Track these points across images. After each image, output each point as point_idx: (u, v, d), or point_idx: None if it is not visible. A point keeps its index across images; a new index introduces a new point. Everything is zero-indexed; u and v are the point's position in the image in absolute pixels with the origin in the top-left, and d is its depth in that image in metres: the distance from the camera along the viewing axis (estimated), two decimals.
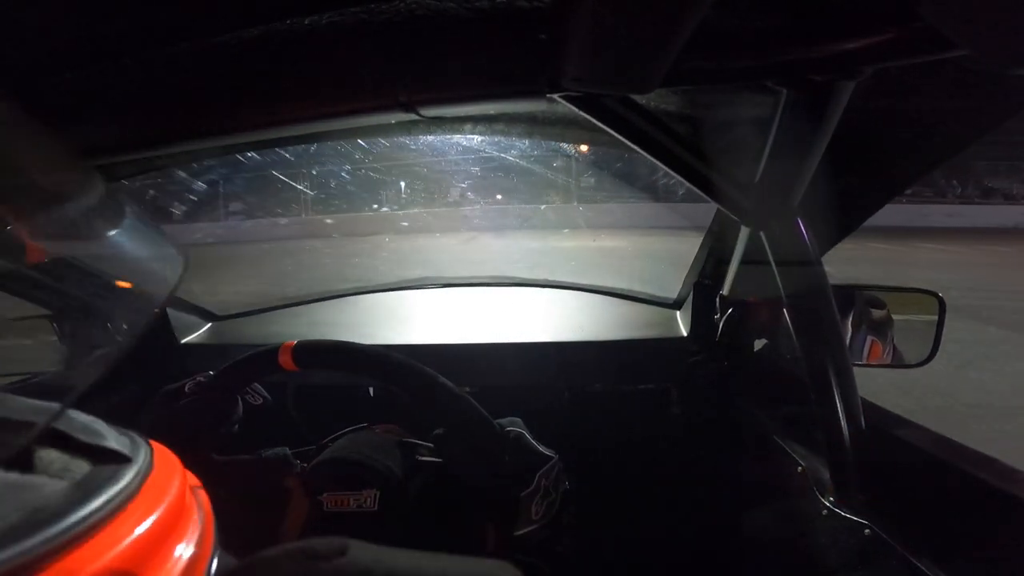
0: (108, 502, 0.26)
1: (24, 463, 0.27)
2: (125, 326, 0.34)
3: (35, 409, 0.27)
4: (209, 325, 1.49)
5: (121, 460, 0.30)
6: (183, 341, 1.38)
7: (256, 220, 13.63)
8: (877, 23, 0.48)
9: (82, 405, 0.30)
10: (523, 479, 0.68)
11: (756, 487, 0.98)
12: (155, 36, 0.53)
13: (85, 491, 0.26)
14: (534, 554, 0.67)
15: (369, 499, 0.72)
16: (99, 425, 0.32)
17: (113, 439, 0.31)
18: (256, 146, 1.16)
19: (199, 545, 0.30)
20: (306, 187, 12.98)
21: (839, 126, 0.64)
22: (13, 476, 0.25)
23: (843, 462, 0.77)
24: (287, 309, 1.63)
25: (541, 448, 0.73)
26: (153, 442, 0.34)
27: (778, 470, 0.89)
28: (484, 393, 0.77)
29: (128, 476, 0.29)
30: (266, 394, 0.90)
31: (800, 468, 0.84)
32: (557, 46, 0.49)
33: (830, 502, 0.76)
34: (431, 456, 0.79)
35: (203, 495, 0.36)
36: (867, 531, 0.69)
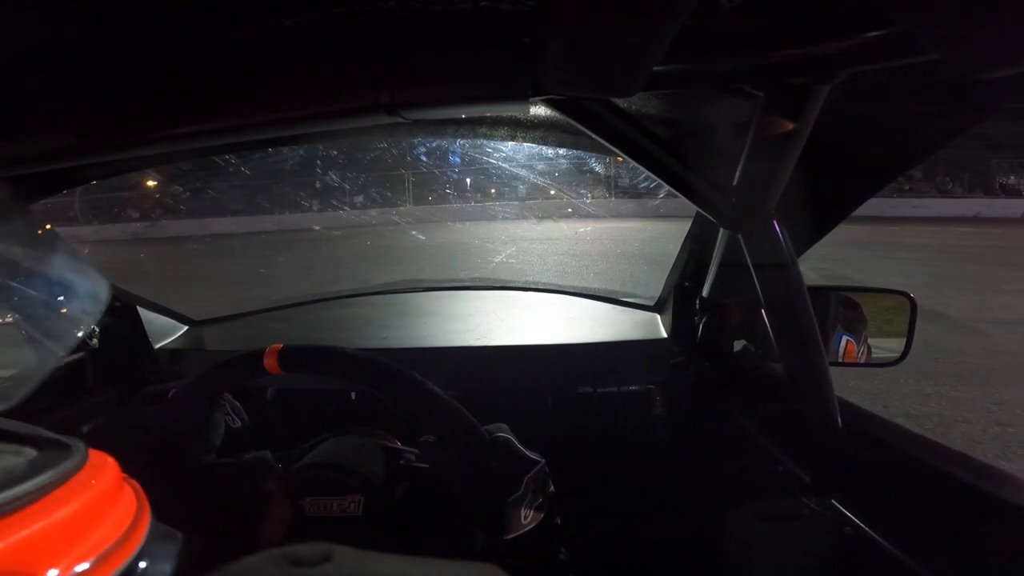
0: (62, 469, 0.34)
1: None
2: (55, 350, 0.41)
3: None
4: (185, 330, 1.47)
5: (62, 447, 0.37)
6: (158, 346, 1.35)
7: (377, 209, 17.93)
8: (851, 28, 0.49)
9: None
10: (511, 484, 0.68)
11: (737, 487, 0.99)
12: (131, 37, 0.52)
13: (40, 465, 0.34)
14: (524, 559, 0.67)
15: (353, 504, 0.71)
16: (40, 430, 0.39)
17: (52, 436, 0.38)
18: (235, 148, 1.15)
19: (135, 518, 0.38)
20: (410, 184, 17.89)
21: (815, 129, 0.65)
22: None
23: (822, 461, 0.78)
24: (266, 314, 1.61)
25: (528, 452, 0.73)
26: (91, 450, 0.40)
27: (758, 470, 0.91)
28: (468, 396, 0.77)
29: (73, 456, 0.36)
30: (245, 417, 0.88)
31: (780, 467, 0.85)
32: (540, 50, 0.50)
33: (810, 501, 0.77)
34: (416, 462, 0.78)
35: (136, 484, 0.42)
36: (847, 529, 0.70)
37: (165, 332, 1.41)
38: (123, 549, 0.35)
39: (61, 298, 0.43)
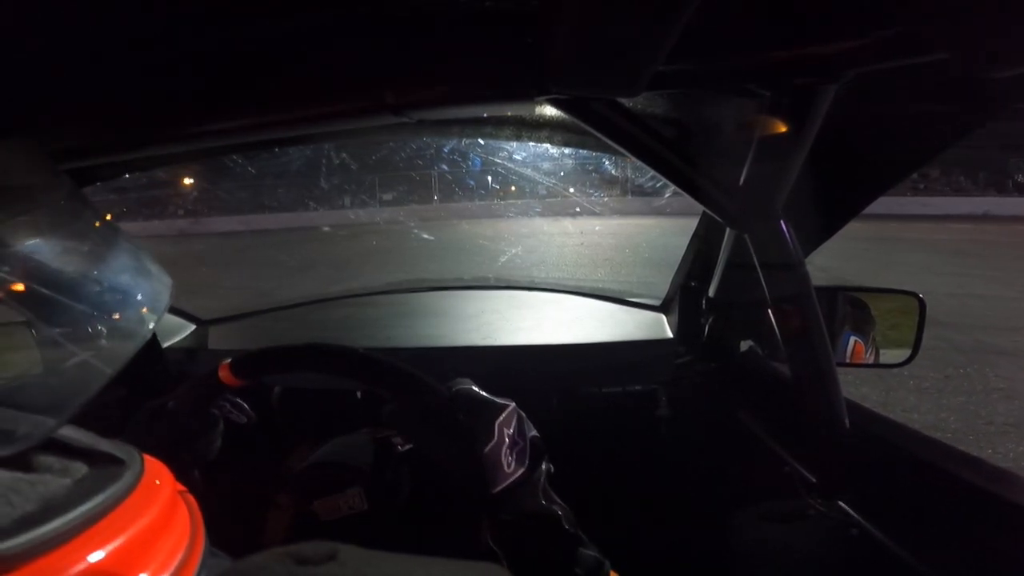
0: (110, 496, 0.29)
1: (27, 464, 0.29)
2: (114, 345, 0.36)
3: (30, 421, 0.29)
4: (193, 329, 1.47)
5: (116, 462, 0.33)
6: (165, 345, 1.35)
7: (401, 206, 18.72)
8: (858, 27, 0.49)
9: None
10: (483, 434, 0.64)
11: (743, 488, 0.99)
12: (137, 39, 0.53)
13: (87, 487, 0.29)
14: (518, 512, 0.64)
15: (356, 498, 0.71)
16: (93, 437, 0.35)
17: (107, 446, 0.34)
18: (241, 149, 1.15)
19: (191, 540, 0.33)
20: (436, 182, 18.80)
21: (821, 129, 0.65)
22: (21, 475, 0.28)
23: (828, 462, 0.78)
24: (272, 313, 1.61)
25: (495, 399, 0.68)
26: (146, 455, 0.36)
27: (764, 470, 0.90)
28: None
29: (124, 476, 0.31)
30: (251, 412, 0.88)
31: (786, 468, 0.85)
32: (544, 49, 0.50)
33: (816, 502, 0.76)
34: (405, 444, 0.78)
35: (191, 499, 0.38)
36: (854, 530, 0.70)
37: (173, 331, 1.42)
38: None
39: (121, 301, 0.38)
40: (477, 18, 0.50)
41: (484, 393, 0.69)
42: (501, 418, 0.65)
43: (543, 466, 0.67)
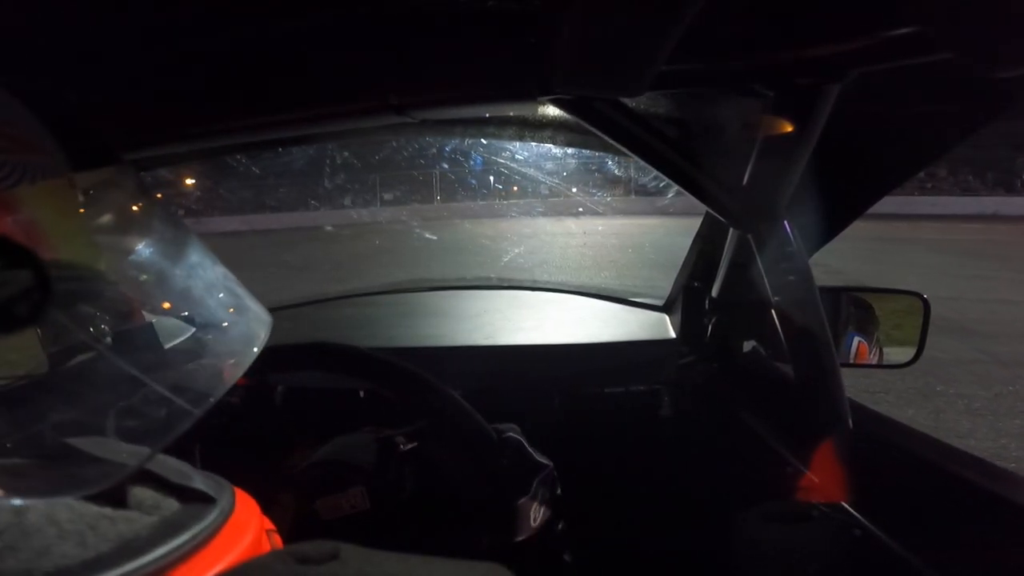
0: (193, 538, 0.29)
1: (119, 498, 0.30)
2: (206, 389, 0.36)
3: (129, 451, 0.29)
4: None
5: (206, 500, 0.33)
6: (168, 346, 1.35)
7: (403, 205, 19.11)
8: (862, 27, 0.49)
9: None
10: (521, 485, 0.68)
11: (746, 488, 0.99)
12: (143, 39, 0.53)
13: (172, 527, 0.29)
14: (531, 562, 0.67)
15: (359, 497, 0.71)
16: (188, 468, 0.35)
17: (200, 481, 0.34)
18: (244, 148, 1.15)
19: None
20: (438, 182, 19.13)
21: (825, 129, 0.65)
22: (108, 510, 0.28)
23: (832, 463, 0.77)
24: (276, 312, 1.61)
25: (537, 457, 0.73)
26: (237, 488, 0.36)
27: (768, 471, 0.90)
28: (475, 396, 0.77)
29: (212, 515, 0.31)
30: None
31: (789, 469, 0.85)
32: (547, 49, 0.50)
33: (819, 503, 0.76)
34: (407, 443, 0.79)
35: (277, 539, 0.37)
36: (857, 531, 0.70)
37: (174, 332, 1.41)
38: None
39: (222, 331, 0.39)
40: (480, 18, 0.50)
41: (530, 449, 0.73)
42: (540, 476, 0.70)
43: (560, 525, 0.72)
